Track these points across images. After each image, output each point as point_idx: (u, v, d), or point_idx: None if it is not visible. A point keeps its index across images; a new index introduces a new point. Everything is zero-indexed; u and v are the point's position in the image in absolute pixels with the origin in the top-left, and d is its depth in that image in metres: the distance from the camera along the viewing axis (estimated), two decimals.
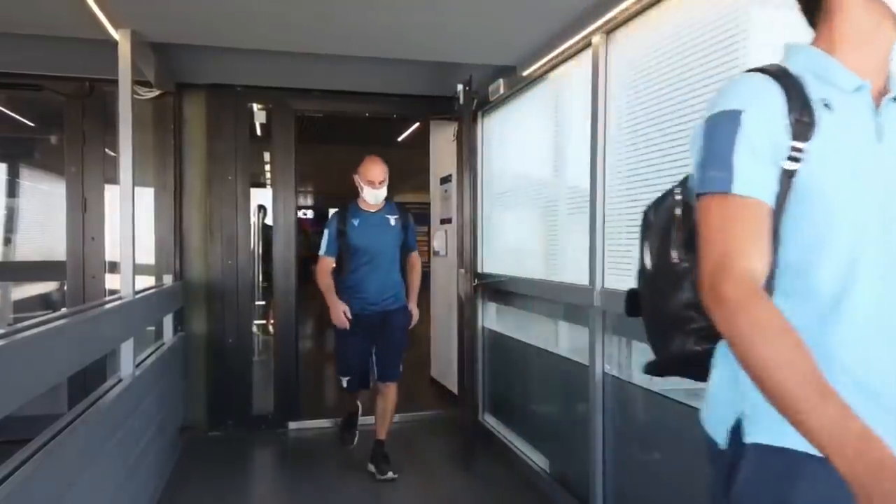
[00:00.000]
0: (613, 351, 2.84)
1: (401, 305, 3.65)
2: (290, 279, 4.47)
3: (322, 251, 3.59)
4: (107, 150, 4.09)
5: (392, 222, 3.62)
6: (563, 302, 3.26)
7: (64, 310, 2.21)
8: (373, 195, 3.53)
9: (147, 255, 4.21)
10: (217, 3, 2.94)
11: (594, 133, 2.89)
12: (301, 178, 4.39)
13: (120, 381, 2.71)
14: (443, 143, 5.15)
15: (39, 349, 1.73)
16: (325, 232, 3.59)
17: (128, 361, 2.77)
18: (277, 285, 4.48)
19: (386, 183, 3.56)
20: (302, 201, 17.37)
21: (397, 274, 3.66)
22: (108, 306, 2.56)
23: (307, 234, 16.29)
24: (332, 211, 3.72)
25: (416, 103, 4.67)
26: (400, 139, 8.28)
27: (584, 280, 2.94)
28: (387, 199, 3.65)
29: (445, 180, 5.24)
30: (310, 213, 17.82)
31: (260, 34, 3.39)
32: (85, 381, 3.00)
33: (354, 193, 3.66)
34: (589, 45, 2.94)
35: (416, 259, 3.77)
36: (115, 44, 3.04)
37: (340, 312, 3.49)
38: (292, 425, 4.42)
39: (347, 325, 3.49)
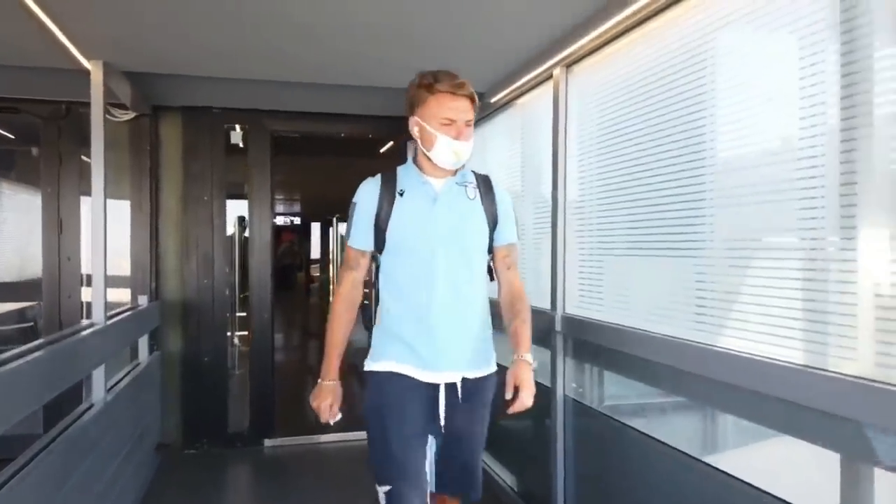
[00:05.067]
0: (575, 375, 2.93)
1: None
2: (265, 295, 4.53)
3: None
4: (84, 169, 4.14)
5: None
6: None
7: (38, 341, 2.27)
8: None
9: (125, 271, 4.26)
10: (189, 37, 3.02)
11: (555, 161, 2.99)
12: (283, 187, 4.44)
13: (92, 405, 2.77)
14: None
15: (11, 384, 1.80)
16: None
17: (99, 387, 2.83)
18: (252, 302, 4.54)
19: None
20: (287, 208, 17.43)
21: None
22: (79, 336, 2.62)
23: (291, 244, 16.37)
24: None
25: (392, 124, 4.73)
26: (382, 150, 8.36)
27: (547, 304, 3.03)
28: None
29: None
30: (294, 222, 17.86)
31: (233, 65, 3.47)
32: (61, 400, 3.04)
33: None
34: (550, 76, 3.05)
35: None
36: (88, 72, 3.11)
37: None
38: (268, 442, 4.48)
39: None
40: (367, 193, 2.02)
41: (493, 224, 2.05)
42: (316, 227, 15.62)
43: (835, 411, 1.50)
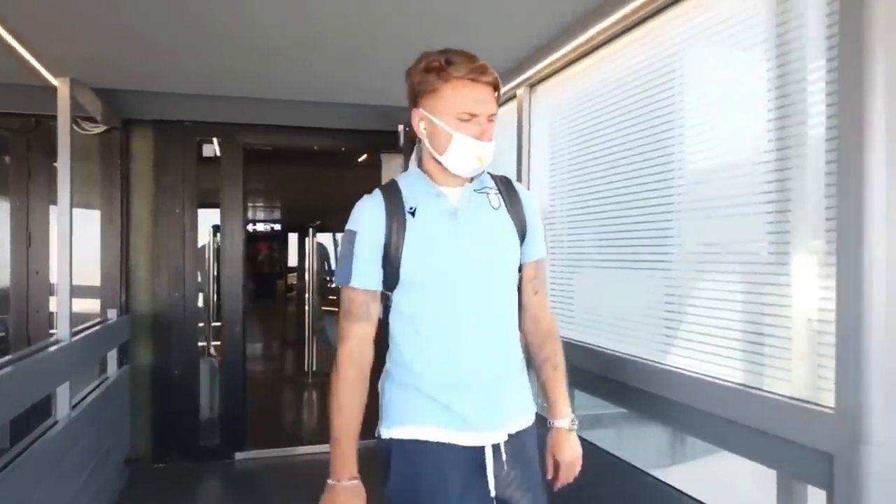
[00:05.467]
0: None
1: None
2: (236, 307, 4.53)
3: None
4: (53, 182, 4.13)
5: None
6: None
7: (5, 358, 2.28)
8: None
9: (95, 283, 4.25)
10: (158, 57, 3.05)
11: (518, 178, 3.05)
12: (263, 195, 4.45)
13: (56, 422, 2.77)
14: (393, 173, 5.27)
15: None
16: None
17: (63, 403, 2.82)
18: (224, 314, 4.54)
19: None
20: (267, 216, 17.37)
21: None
22: (42, 353, 2.62)
23: (271, 251, 16.33)
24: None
25: (365, 137, 4.78)
26: (360, 159, 8.40)
27: None
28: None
29: None
30: (275, 228, 17.77)
31: (203, 83, 3.50)
32: (30, 413, 3.04)
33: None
34: (514, 96, 3.11)
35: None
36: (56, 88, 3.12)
37: None
38: (239, 456, 4.47)
39: None
40: (370, 218, 1.52)
41: (521, 236, 1.63)
42: (294, 237, 15.59)
43: (769, 430, 1.57)
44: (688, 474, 2.09)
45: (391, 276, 1.52)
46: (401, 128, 3.97)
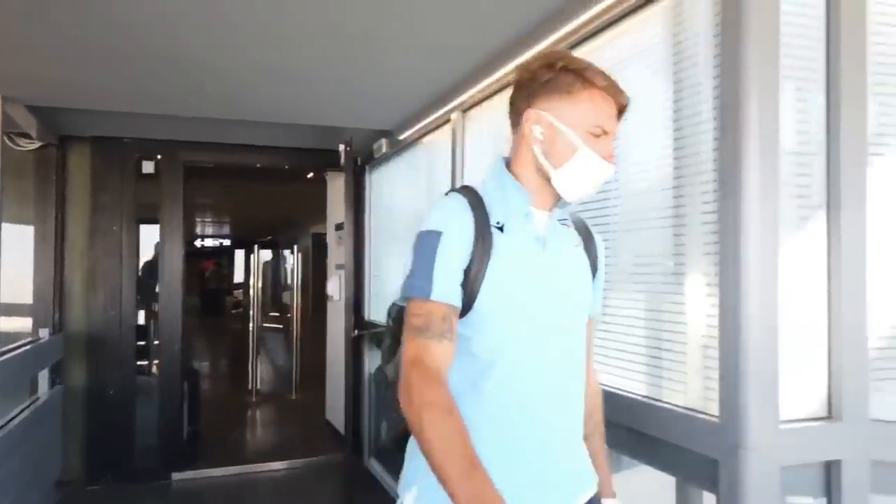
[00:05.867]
0: None
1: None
2: (175, 326, 4.49)
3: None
4: None
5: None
6: None
7: None
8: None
9: (28, 300, 4.16)
10: (93, 76, 3.04)
11: None
12: (209, 210, 4.41)
13: None
14: (338, 190, 5.32)
15: None
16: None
17: None
18: (162, 332, 4.49)
19: None
20: (215, 230, 17.11)
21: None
22: None
23: (219, 267, 16.07)
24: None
25: (308, 156, 4.83)
26: (309, 176, 8.41)
27: None
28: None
29: (339, 227, 5.41)
30: (222, 246, 17.47)
31: (143, 100, 3.50)
32: None
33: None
34: (448, 120, 3.22)
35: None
36: None
37: None
38: (176, 476, 4.41)
39: None
40: (461, 222, 1.23)
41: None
42: (240, 253, 15.41)
43: (667, 438, 1.68)
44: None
45: (464, 298, 1.21)
46: (342, 147, 4.03)
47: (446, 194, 1.30)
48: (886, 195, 1.60)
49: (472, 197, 1.26)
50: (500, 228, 1.25)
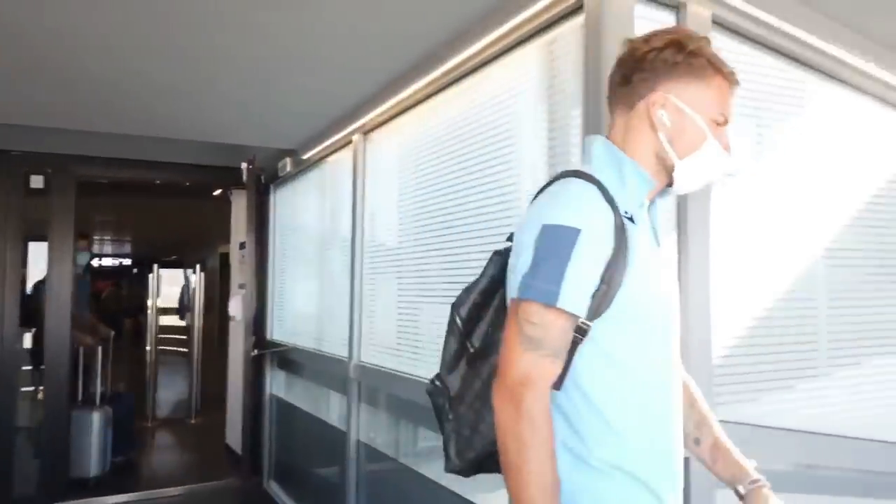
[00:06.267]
0: (368, 420, 3.10)
1: None
2: (62, 350, 4.27)
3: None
4: None
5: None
6: (328, 372, 3.50)
7: None
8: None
9: None
10: None
11: (354, 218, 3.20)
12: (109, 227, 4.23)
13: None
14: (242, 209, 5.25)
15: None
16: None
17: None
18: (48, 357, 4.25)
19: None
20: (115, 249, 16.29)
21: None
22: None
23: (117, 288, 15.26)
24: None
25: (210, 172, 4.76)
26: (216, 193, 8.21)
27: (345, 352, 3.20)
28: None
29: (244, 245, 5.33)
30: (122, 265, 16.56)
31: (29, 113, 3.38)
32: None
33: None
34: (350, 142, 3.29)
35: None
36: None
37: None
38: None
39: None
40: (601, 216, 1.08)
41: None
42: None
43: None
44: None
45: (597, 299, 1.07)
46: (244, 165, 4.01)
47: (565, 179, 1.13)
48: (730, 221, 1.80)
49: (599, 185, 1.10)
50: (631, 219, 1.12)
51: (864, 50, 2.06)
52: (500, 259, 1.20)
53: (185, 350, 10.42)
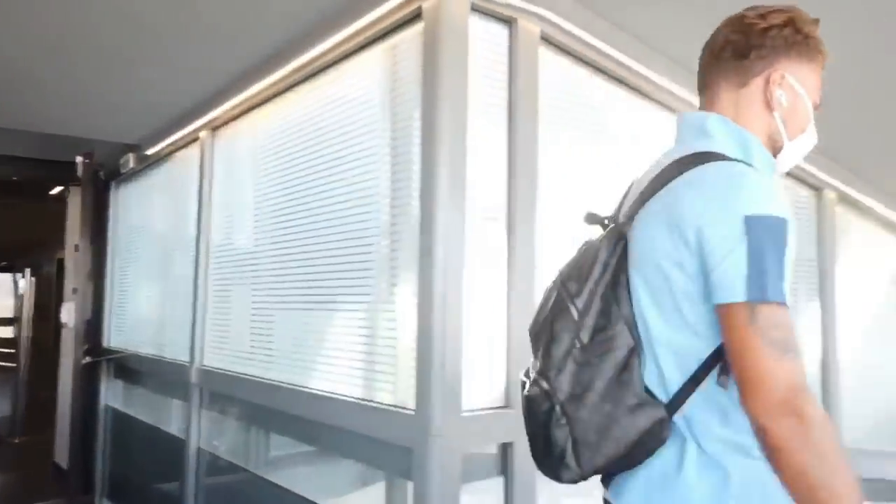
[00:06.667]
0: (211, 427, 2.98)
1: None
2: None
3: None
4: None
5: None
6: (169, 379, 3.33)
7: None
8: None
9: None
10: None
11: (200, 217, 3.09)
12: None
13: None
14: (79, 208, 4.87)
15: None
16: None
17: None
18: None
19: None
20: None
21: None
22: None
23: None
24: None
25: (44, 167, 4.37)
26: (53, 192, 7.53)
27: (187, 357, 3.06)
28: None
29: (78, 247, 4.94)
30: None
31: None
32: None
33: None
34: (197, 138, 3.17)
35: None
36: None
37: None
38: None
39: None
40: (789, 207, 1.03)
41: None
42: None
43: (374, 434, 1.83)
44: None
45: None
46: (79, 159, 3.74)
47: (717, 163, 1.04)
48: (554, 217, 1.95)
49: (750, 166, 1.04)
50: None
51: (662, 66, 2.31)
52: (612, 242, 1.09)
53: (12, 364, 9.46)
